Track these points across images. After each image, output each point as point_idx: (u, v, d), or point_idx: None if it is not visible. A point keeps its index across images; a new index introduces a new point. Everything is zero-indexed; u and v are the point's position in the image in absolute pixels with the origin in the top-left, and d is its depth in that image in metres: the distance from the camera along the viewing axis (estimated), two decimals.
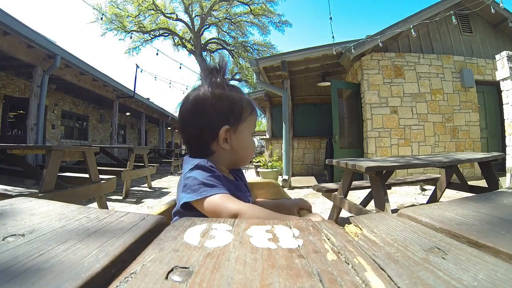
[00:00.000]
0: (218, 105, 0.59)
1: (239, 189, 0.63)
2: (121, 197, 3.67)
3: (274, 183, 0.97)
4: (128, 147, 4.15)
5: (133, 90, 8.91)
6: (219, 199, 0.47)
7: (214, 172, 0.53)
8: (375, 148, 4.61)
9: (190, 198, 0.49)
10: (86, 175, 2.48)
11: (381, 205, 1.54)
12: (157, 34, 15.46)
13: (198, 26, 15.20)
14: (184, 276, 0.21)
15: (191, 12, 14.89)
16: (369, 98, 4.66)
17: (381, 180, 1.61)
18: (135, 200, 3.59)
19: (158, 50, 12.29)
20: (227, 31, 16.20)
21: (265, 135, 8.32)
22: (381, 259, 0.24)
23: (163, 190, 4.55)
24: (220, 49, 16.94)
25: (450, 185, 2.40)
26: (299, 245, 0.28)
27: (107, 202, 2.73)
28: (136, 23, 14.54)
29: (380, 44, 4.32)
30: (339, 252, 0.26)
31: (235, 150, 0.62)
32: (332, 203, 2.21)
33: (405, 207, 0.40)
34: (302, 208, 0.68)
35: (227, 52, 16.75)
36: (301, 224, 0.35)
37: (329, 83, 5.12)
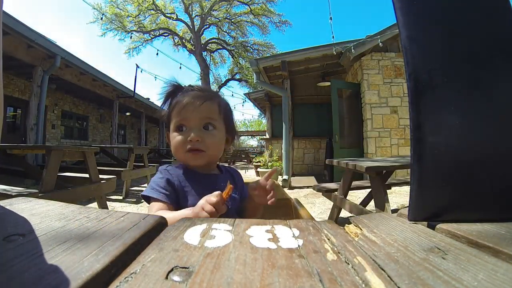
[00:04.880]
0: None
1: (207, 187, 0.64)
2: (121, 197, 3.67)
3: (274, 183, 0.96)
4: (128, 147, 4.15)
5: (133, 90, 8.91)
6: (151, 206, 0.64)
7: (162, 175, 0.66)
8: (375, 148, 4.60)
9: (145, 193, 0.66)
10: (86, 175, 2.47)
11: (381, 205, 1.54)
12: (157, 34, 15.45)
13: (198, 26, 15.19)
14: (184, 276, 0.21)
15: (191, 12, 14.88)
16: (369, 98, 4.66)
17: (381, 180, 1.61)
18: (135, 200, 3.58)
19: (158, 50, 12.31)
20: (227, 31, 16.18)
21: (265, 135, 8.31)
22: (381, 259, 0.24)
23: None
24: (220, 49, 16.92)
25: None
26: (299, 245, 0.28)
27: (107, 202, 2.72)
28: (136, 23, 14.52)
29: (380, 44, 4.32)
30: (339, 252, 0.26)
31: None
32: (332, 203, 2.21)
33: (405, 207, 0.40)
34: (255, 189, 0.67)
35: (227, 52, 16.74)
36: (301, 224, 0.35)
37: (329, 83, 5.11)
